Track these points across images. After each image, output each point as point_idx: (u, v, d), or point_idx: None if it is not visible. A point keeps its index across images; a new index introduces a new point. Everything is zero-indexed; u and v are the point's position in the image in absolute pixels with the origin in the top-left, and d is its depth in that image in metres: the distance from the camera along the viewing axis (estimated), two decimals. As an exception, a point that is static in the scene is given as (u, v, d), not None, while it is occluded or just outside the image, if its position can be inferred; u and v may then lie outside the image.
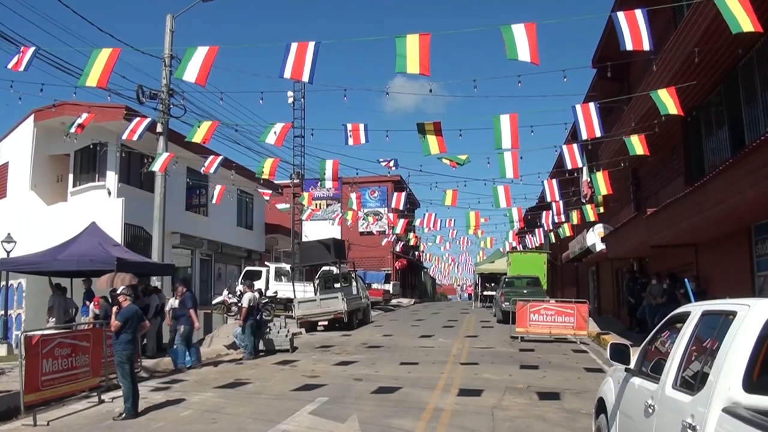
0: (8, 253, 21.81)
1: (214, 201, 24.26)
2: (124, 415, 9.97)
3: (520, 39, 10.72)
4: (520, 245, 38.09)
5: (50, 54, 14.93)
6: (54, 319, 16.08)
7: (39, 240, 20.28)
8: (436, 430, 8.80)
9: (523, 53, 10.74)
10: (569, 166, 18.01)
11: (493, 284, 39.12)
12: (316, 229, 44.23)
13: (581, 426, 8.72)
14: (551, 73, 12.36)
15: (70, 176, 27.12)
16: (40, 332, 11.27)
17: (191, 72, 12.64)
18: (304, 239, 36.39)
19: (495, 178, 19.16)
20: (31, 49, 13.54)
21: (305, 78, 11.92)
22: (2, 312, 22.47)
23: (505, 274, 34.37)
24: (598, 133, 14.39)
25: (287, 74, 11.92)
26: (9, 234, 23.05)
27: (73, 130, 18.11)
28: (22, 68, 13.30)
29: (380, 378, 13.36)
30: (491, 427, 8.98)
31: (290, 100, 33.04)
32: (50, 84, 25.10)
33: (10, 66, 13.38)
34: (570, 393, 11.42)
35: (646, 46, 10.72)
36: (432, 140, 14.61)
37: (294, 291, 28.17)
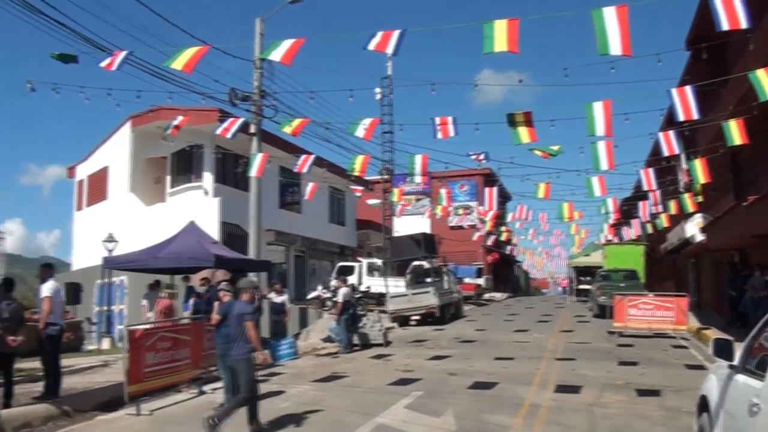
0: (110, 252, 22.74)
1: (306, 197, 24.66)
2: (224, 406, 10.27)
3: (611, 25, 10.41)
4: (616, 237, 37.12)
5: (145, 61, 15.46)
6: (152, 314, 16.72)
7: (139, 239, 21.07)
8: (534, 427, 8.66)
9: (615, 45, 10.44)
10: (666, 154, 17.43)
11: (588, 278, 38.26)
12: (406, 224, 44.34)
13: (682, 425, 8.43)
14: (643, 58, 11.88)
15: (168, 178, 28.12)
16: (142, 326, 11.75)
17: (278, 53, 13.05)
18: (394, 234, 36.53)
19: (589, 169, 18.74)
20: (124, 52, 14.09)
21: (389, 50, 11.91)
22: (105, 307, 23.51)
23: (601, 267, 33.55)
24: (695, 116, 13.80)
25: (372, 46, 11.96)
26: (111, 234, 24.08)
27: (169, 131, 18.76)
28: (114, 68, 13.84)
29: (475, 373, 13.27)
30: (590, 424, 8.79)
31: (378, 97, 33.13)
32: (146, 90, 26.09)
33: (103, 65, 13.96)
34: (670, 390, 11.05)
35: (743, 24, 10.21)
36: (523, 131, 14.39)
37: (386, 286, 28.34)
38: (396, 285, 29.26)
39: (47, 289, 10.83)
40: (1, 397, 9.88)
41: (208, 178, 26.41)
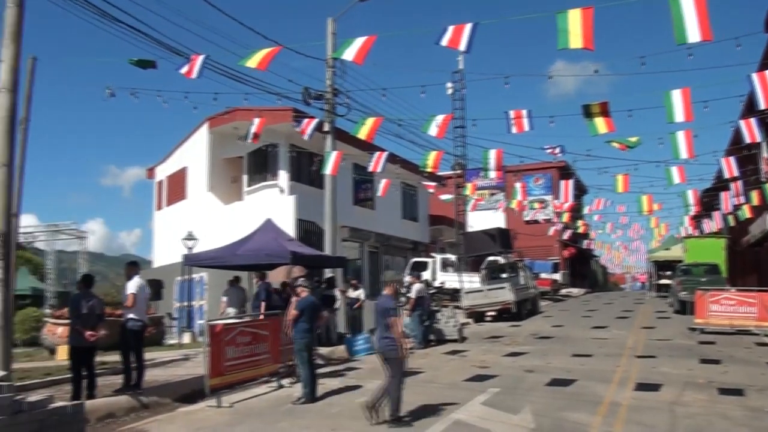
0: (190, 249, 23.30)
1: (379, 194, 24.78)
2: (303, 399, 10.43)
3: (689, 11, 10.06)
4: (697, 230, 36.02)
5: (221, 64, 15.78)
6: (233, 309, 17.08)
7: (217, 237, 21.51)
8: (613, 426, 8.48)
9: (693, 32, 10.10)
10: (747, 142, 16.82)
11: (668, 272, 37.21)
12: (480, 219, 44.01)
13: (765, 425, 8.15)
14: (721, 43, 11.40)
15: (244, 177, 28.68)
16: (222, 321, 12.04)
17: (350, 52, 13.16)
18: (468, 230, 36.32)
19: (668, 159, 18.24)
20: (201, 57, 14.40)
21: (462, 47, 11.85)
22: (186, 303, 24.15)
23: (681, 261, 32.57)
24: (778, 102, 13.22)
25: (444, 42, 11.92)
26: (190, 232, 24.69)
27: (249, 139, 19.13)
28: (194, 75, 14.19)
29: (552, 370, 13.09)
30: (671, 423, 8.57)
31: (449, 92, 33.03)
32: (223, 93, 26.58)
33: (183, 71, 14.31)
34: (753, 390, 10.66)
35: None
36: (599, 122, 14.12)
37: (461, 282, 28.22)
38: (470, 281, 29.09)
39: (133, 285, 11.23)
40: (85, 389, 10.29)
41: (283, 177, 26.82)
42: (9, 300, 10.01)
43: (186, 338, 22.18)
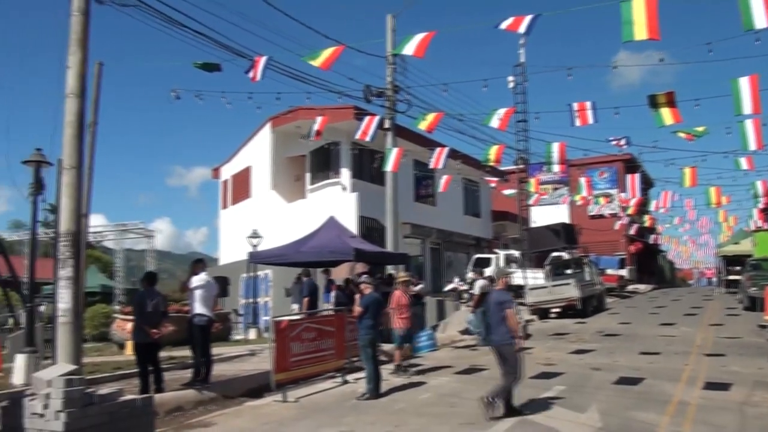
0: (255, 247, 23.64)
1: (440, 189, 24.65)
2: (367, 395, 10.46)
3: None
4: (767, 223, 34.80)
5: (283, 64, 15.96)
6: (296, 306, 17.25)
7: (281, 235, 21.75)
8: (682, 426, 8.24)
9: (759, 17, 9.75)
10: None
11: (737, 267, 36.03)
12: (544, 215, 43.44)
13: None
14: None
15: (307, 175, 28.96)
16: (287, 317, 12.17)
17: (410, 47, 13.16)
18: (532, 225, 35.90)
19: (737, 150, 17.68)
20: (264, 59, 14.56)
21: (522, 29, 11.73)
22: (251, 300, 24.50)
23: (751, 255, 31.48)
24: None
25: (503, 26, 11.81)
26: (255, 230, 25.05)
27: (312, 137, 19.29)
28: (258, 78, 14.38)
29: (619, 368, 12.82)
30: (740, 424, 8.29)
31: (511, 85, 32.59)
32: (285, 92, 26.86)
33: (249, 75, 14.51)
34: (827, 390, 10.28)
35: None
36: (665, 112, 13.78)
37: (525, 278, 27.91)
38: (534, 277, 28.74)
39: (196, 280, 11.42)
40: (153, 383, 10.53)
41: (345, 174, 26.98)
42: (79, 297, 10.32)
43: (252, 334, 22.53)
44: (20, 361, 12.81)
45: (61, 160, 10.61)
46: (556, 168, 37.18)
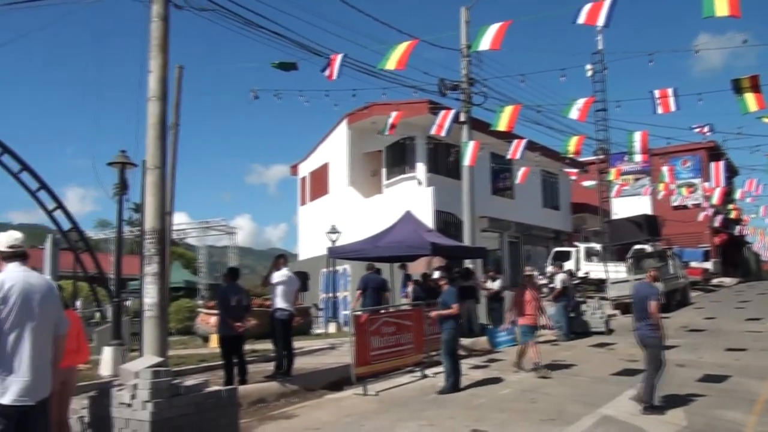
0: (333, 242, 23.91)
1: (518, 181, 24.36)
2: (446, 390, 10.45)
3: None
4: None
5: (358, 61, 16.05)
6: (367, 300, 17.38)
7: (359, 230, 21.91)
8: (771, 426, 7.96)
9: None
10: None
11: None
12: (625, 206, 42.39)
13: None
14: None
15: (383, 170, 29.06)
16: (367, 312, 12.26)
17: (486, 40, 13.05)
18: (613, 217, 35.11)
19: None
20: (339, 56, 14.68)
21: (600, 21, 11.49)
22: (331, 294, 24.79)
23: None
24: None
25: (581, 20, 11.60)
26: (333, 226, 25.33)
27: (387, 132, 19.35)
28: (334, 76, 14.53)
29: (704, 365, 12.40)
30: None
31: (589, 74, 31.91)
32: (361, 89, 27.10)
33: (325, 74, 14.68)
34: None
35: None
36: (750, 97, 13.24)
37: (606, 271, 27.34)
38: (616, 270, 28.11)
39: (277, 276, 11.62)
40: (237, 375, 10.77)
41: (421, 169, 26.96)
42: (164, 292, 10.65)
43: (332, 328, 22.80)
44: (107, 353, 13.32)
45: (145, 161, 10.95)
46: (637, 158, 36.13)
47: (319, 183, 33.33)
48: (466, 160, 18.86)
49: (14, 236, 4.89)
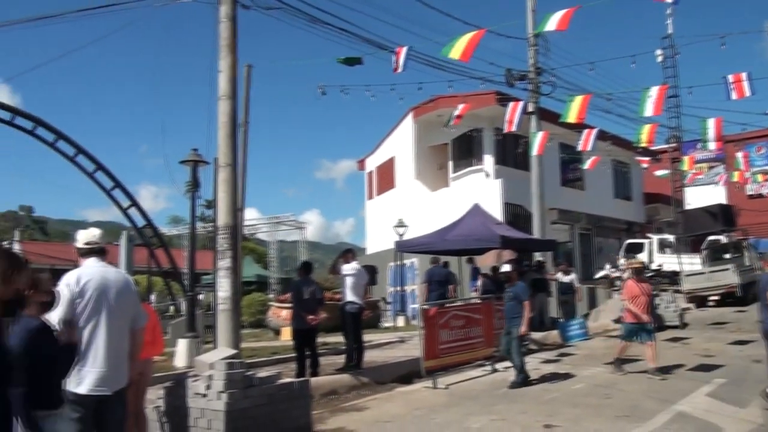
0: (401, 236, 23.97)
1: (586, 167, 23.89)
2: (517, 384, 10.38)
3: None
4: None
5: (424, 54, 16.03)
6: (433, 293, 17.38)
7: (426, 223, 21.89)
8: None
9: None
10: None
11: None
12: (699, 195, 41.21)
13: None
14: None
15: (450, 163, 28.96)
16: (436, 305, 12.27)
17: (552, 23, 12.92)
18: (686, 207, 34.20)
19: None
20: (404, 49, 14.69)
21: None
22: (399, 288, 24.86)
23: None
24: None
25: None
26: (401, 219, 25.38)
27: (452, 122, 19.28)
28: (399, 69, 14.56)
29: (783, 361, 12.01)
30: None
31: (659, 59, 31.04)
32: (427, 82, 26.96)
33: (392, 67, 14.74)
34: None
35: None
36: (828, 79, 12.74)
37: (680, 264, 26.66)
38: (690, 262, 27.38)
39: (347, 269, 11.73)
40: (309, 367, 10.93)
41: (488, 161, 26.75)
42: (237, 286, 10.88)
43: (400, 321, 22.90)
44: (182, 345, 13.72)
45: (216, 159, 11.19)
46: (711, 145, 35.06)
47: (385, 177, 33.43)
48: (534, 149, 18.66)
49: (93, 233, 5.08)
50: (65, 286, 4.66)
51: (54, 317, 4.58)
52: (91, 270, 4.82)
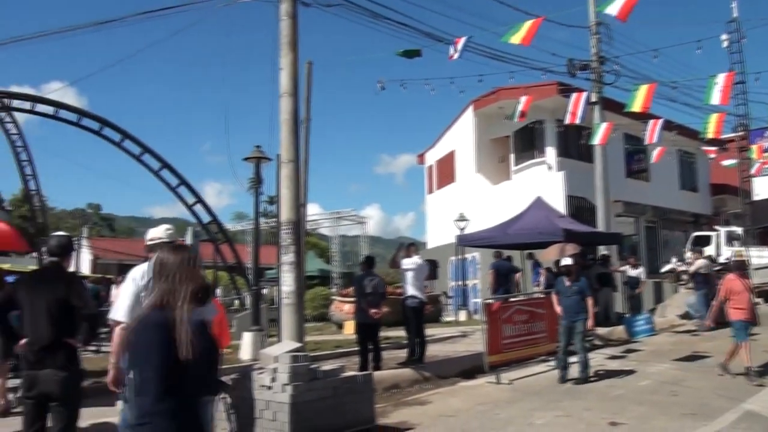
0: (462, 230, 23.87)
1: (653, 160, 23.37)
2: (580, 380, 10.25)
3: None
4: None
5: (484, 45, 15.97)
6: (499, 288, 17.29)
7: (487, 217, 21.74)
8: None
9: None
10: None
11: None
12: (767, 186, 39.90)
13: None
14: None
15: (511, 156, 28.65)
16: (499, 300, 12.21)
17: (613, 7, 12.71)
18: (754, 198, 33.13)
19: None
20: (463, 39, 14.63)
21: None
22: (460, 282, 24.79)
23: None
24: None
25: None
26: (462, 213, 25.27)
27: (516, 119, 19.12)
28: (456, 56, 14.51)
29: None
30: None
31: (725, 44, 30.08)
32: (487, 74, 26.73)
33: (449, 54, 14.71)
34: None
35: None
36: None
37: (749, 257, 25.86)
38: (760, 255, 26.56)
39: (408, 263, 11.77)
40: (371, 361, 11.00)
41: (551, 153, 26.38)
42: (301, 280, 11.01)
43: (462, 316, 22.83)
44: (247, 338, 13.96)
45: (279, 155, 11.33)
46: (780, 132, 33.84)
47: (445, 171, 33.29)
48: (597, 139, 18.35)
49: (164, 228, 5.29)
50: (131, 281, 4.84)
51: (118, 310, 4.78)
52: (160, 263, 4.98)
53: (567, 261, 11.27)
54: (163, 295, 2.91)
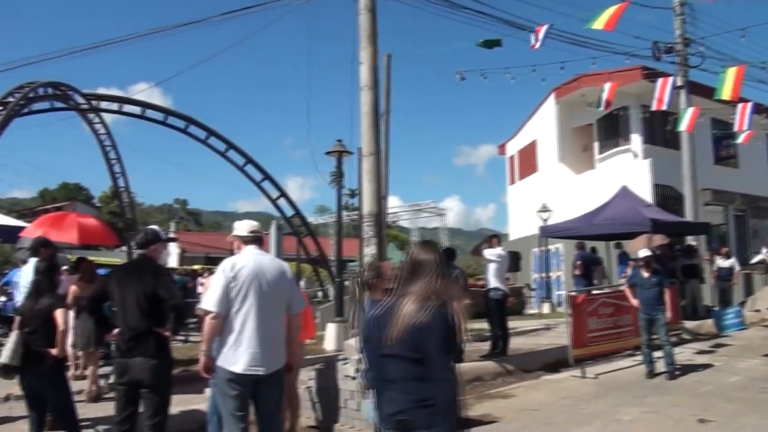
0: (545, 221, 23.57)
1: (740, 140, 22.46)
2: (668, 375, 10.03)
3: None
4: None
5: (565, 32, 15.70)
6: (582, 280, 17.03)
7: (570, 208, 21.38)
8: None
9: None
10: None
11: None
12: None
13: None
14: None
15: (595, 144, 28.06)
16: (584, 293, 12.03)
17: None
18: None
19: None
20: (545, 27, 14.44)
21: None
22: (543, 274, 24.49)
23: None
24: None
25: None
26: (544, 204, 24.95)
27: (602, 108, 18.73)
28: (537, 46, 14.34)
29: None
30: None
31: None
32: (569, 60, 26.36)
33: (531, 43, 14.57)
34: None
35: None
36: None
37: None
38: None
39: (491, 254, 11.72)
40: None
41: (636, 140, 25.70)
42: (383, 272, 11.10)
43: (545, 308, 22.57)
44: (331, 329, 14.20)
45: (360, 149, 11.45)
46: None
47: (527, 161, 32.87)
48: (683, 125, 17.80)
49: (252, 224, 5.49)
50: (221, 272, 5.03)
51: (208, 301, 4.96)
52: (246, 257, 5.17)
53: (644, 252, 11.01)
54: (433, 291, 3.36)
